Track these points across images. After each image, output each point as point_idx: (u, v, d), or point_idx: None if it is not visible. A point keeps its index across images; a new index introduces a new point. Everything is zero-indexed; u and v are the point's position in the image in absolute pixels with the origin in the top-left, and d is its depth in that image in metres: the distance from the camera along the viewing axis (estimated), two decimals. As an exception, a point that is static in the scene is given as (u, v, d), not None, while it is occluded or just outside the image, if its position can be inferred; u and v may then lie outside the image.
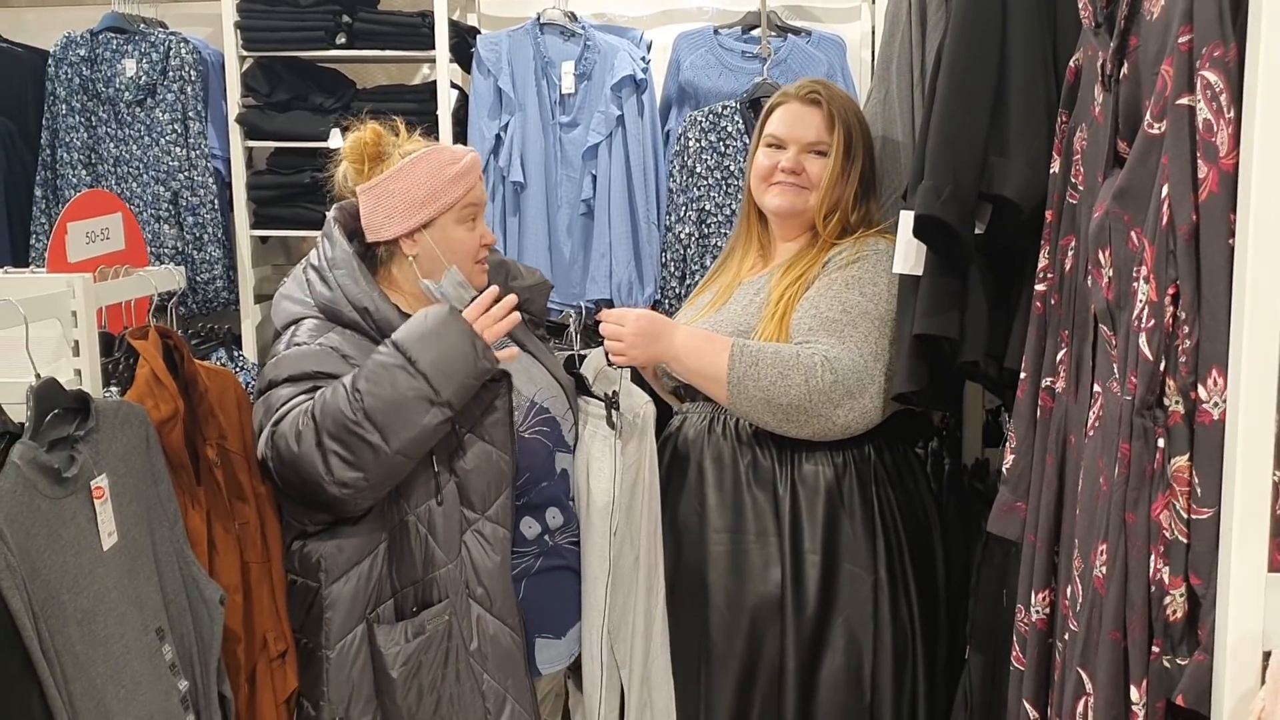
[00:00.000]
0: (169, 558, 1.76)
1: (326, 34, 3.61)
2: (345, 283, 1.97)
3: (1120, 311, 1.39)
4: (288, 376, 1.92)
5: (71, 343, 1.68)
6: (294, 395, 1.90)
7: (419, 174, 2.01)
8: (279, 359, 1.95)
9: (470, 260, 2.06)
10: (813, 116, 2.24)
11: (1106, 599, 1.36)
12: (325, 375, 1.90)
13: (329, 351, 1.93)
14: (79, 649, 1.50)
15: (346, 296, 1.96)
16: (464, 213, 2.04)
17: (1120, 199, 1.37)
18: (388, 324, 1.94)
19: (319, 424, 1.82)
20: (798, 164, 2.23)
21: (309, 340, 1.95)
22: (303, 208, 3.70)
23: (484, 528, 1.96)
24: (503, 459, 1.96)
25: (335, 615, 1.94)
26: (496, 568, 1.97)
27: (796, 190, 2.24)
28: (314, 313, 1.99)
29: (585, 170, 3.53)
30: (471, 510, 1.95)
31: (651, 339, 2.12)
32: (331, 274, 1.99)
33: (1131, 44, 1.42)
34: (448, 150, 2.07)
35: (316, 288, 2.00)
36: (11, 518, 1.39)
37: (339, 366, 1.91)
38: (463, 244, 2.04)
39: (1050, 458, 1.70)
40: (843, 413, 2.05)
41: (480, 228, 2.08)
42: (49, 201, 3.64)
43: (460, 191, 2.02)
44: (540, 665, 2.07)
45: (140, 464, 1.72)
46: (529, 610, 2.04)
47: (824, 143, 2.22)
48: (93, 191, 2.01)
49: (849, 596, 2.14)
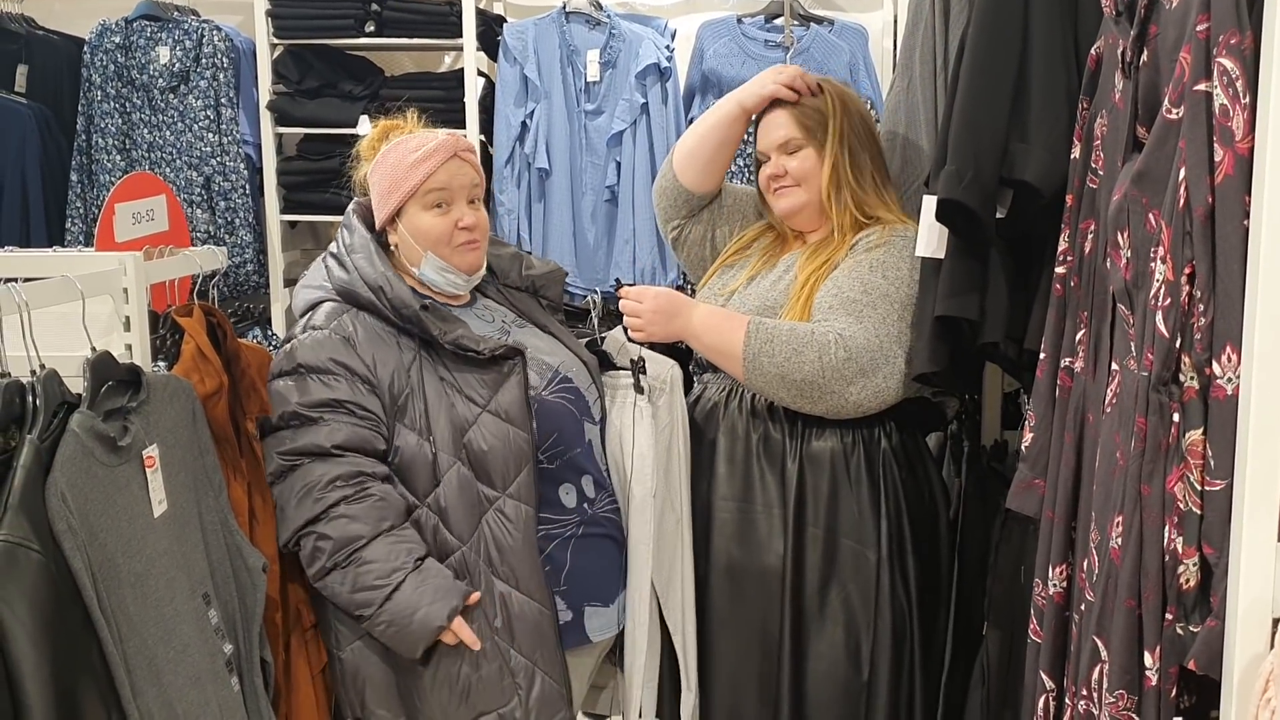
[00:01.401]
0: (214, 526, 1.82)
1: (356, 22, 3.67)
2: (361, 264, 2.02)
3: (1138, 291, 1.44)
4: (300, 363, 1.96)
5: (123, 318, 1.74)
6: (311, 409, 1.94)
7: (386, 165, 2.06)
8: (295, 344, 1.99)
9: (445, 245, 2.05)
10: (778, 118, 2.30)
11: (1122, 568, 1.41)
12: (340, 365, 1.94)
13: (342, 340, 1.97)
14: (132, 610, 1.56)
15: (362, 277, 2.01)
16: (428, 198, 2.03)
17: (1139, 182, 1.42)
18: (402, 303, 1.98)
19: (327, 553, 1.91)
20: (779, 168, 2.30)
21: (324, 324, 1.99)
22: (331, 193, 3.76)
23: (505, 505, 1.98)
24: (520, 436, 1.99)
25: (344, 618, 1.99)
26: (520, 545, 1.99)
27: (788, 189, 2.30)
28: (331, 295, 2.04)
29: (610, 157, 3.58)
30: (491, 489, 1.98)
31: (670, 316, 2.18)
32: (349, 258, 2.04)
33: (1151, 32, 1.46)
34: (415, 138, 2.07)
35: (334, 272, 2.05)
36: (73, 483, 1.45)
37: (350, 357, 1.95)
38: (431, 230, 2.04)
39: (1069, 435, 1.74)
40: (855, 390, 2.10)
41: (456, 212, 2.05)
42: (84, 186, 3.71)
43: (418, 178, 2.02)
44: (590, 633, 2.09)
45: (187, 436, 1.78)
46: (575, 579, 2.06)
47: (794, 139, 2.28)
48: (138, 174, 2.07)
49: (850, 572, 2.18)
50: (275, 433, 1.96)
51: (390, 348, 1.99)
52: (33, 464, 1.41)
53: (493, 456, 1.97)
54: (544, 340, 2.16)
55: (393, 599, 1.90)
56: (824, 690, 2.18)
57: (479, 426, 1.98)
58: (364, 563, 1.90)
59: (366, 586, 1.90)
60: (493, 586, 1.99)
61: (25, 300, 1.52)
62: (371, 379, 1.96)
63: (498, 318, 2.17)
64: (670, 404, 2.18)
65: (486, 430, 1.98)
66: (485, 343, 2.00)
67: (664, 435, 2.15)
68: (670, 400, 2.18)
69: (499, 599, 1.99)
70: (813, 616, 2.18)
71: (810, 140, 2.27)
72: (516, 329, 2.16)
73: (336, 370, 1.95)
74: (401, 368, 1.98)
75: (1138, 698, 1.42)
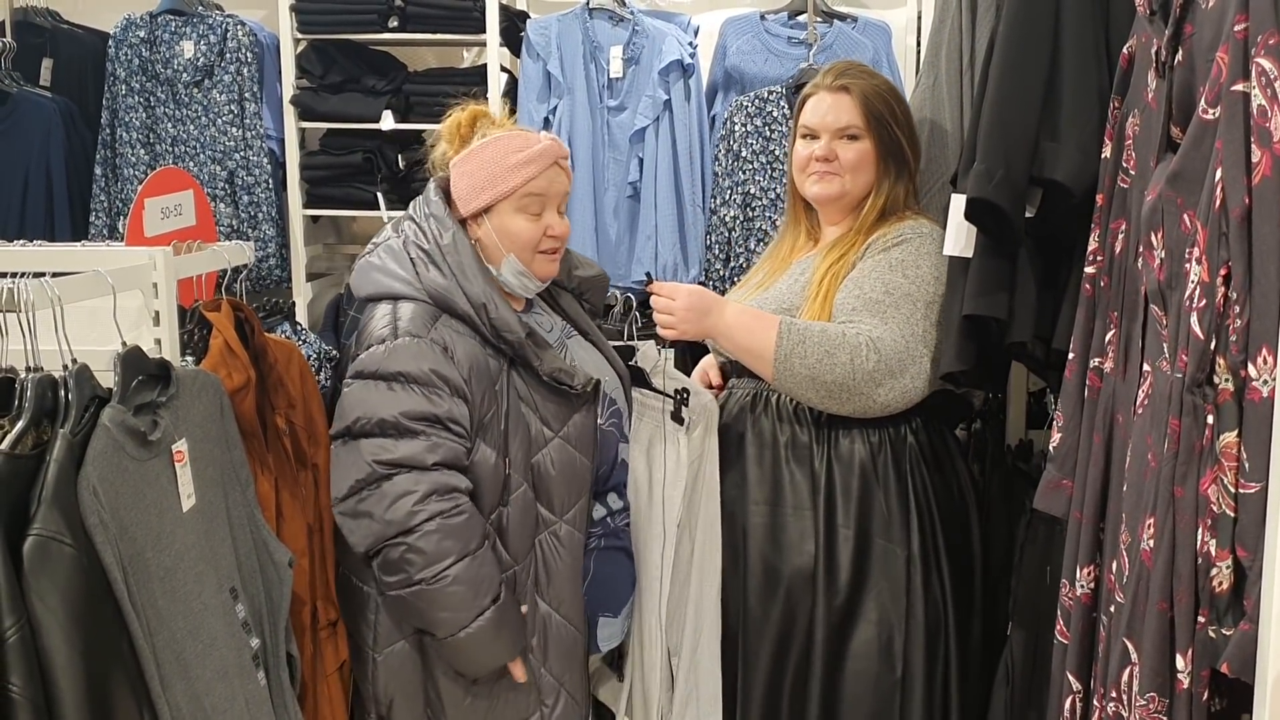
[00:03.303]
0: (241, 521, 1.83)
1: (379, 17, 3.67)
2: (464, 276, 1.95)
3: (1171, 292, 1.43)
4: (400, 371, 1.91)
5: (152, 313, 1.75)
6: (413, 421, 1.90)
7: (485, 158, 2.02)
8: (393, 349, 1.92)
9: (529, 250, 2.02)
10: (841, 102, 2.28)
11: (1154, 571, 1.40)
12: (441, 379, 1.90)
13: (442, 351, 1.92)
14: (161, 604, 1.57)
15: (464, 290, 1.95)
16: (523, 202, 2.00)
17: (1174, 182, 1.41)
18: (505, 325, 1.94)
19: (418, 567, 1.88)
20: (830, 151, 2.28)
21: (418, 330, 1.93)
22: (354, 188, 3.77)
23: (560, 530, 2.00)
24: (585, 465, 2.00)
25: (385, 621, 1.99)
26: (568, 569, 2.01)
27: (831, 177, 2.28)
28: (421, 297, 1.97)
29: (632, 153, 3.58)
30: (550, 512, 1.99)
31: (702, 314, 2.17)
32: (446, 262, 1.97)
33: (1187, 31, 1.45)
34: (520, 136, 2.03)
35: (427, 274, 1.98)
36: (104, 477, 1.46)
37: (449, 370, 1.91)
38: (520, 234, 2.01)
39: (1098, 436, 1.73)
40: (884, 392, 2.10)
41: (548, 219, 2.03)
42: (108, 180, 3.73)
43: (519, 180, 1.99)
44: (601, 643, 2.12)
45: (215, 430, 1.79)
46: (595, 588, 2.08)
47: (854, 127, 2.26)
48: (166, 169, 2.07)
49: (882, 571, 2.18)
50: (370, 438, 1.92)
51: (482, 362, 1.96)
52: (65, 458, 1.41)
53: (557, 482, 1.98)
54: (591, 354, 2.16)
55: (471, 629, 1.89)
56: (858, 688, 2.18)
57: (549, 450, 1.98)
58: (451, 585, 1.87)
59: (450, 608, 1.89)
60: (536, 607, 2.00)
61: (58, 295, 1.53)
62: (466, 394, 1.93)
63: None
64: (704, 436, 2.18)
65: (555, 455, 1.98)
66: (578, 378, 1.99)
67: (693, 466, 2.16)
68: (705, 432, 2.18)
69: (540, 620, 2.01)
70: (846, 616, 2.18)
71: (870, 131, 2.25)
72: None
73: (438, 384, 1.91)
74: (491, 386, 1.96)
75: (1169, 700, 1.42)
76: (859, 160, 2.26)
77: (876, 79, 2.32)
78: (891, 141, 2.26)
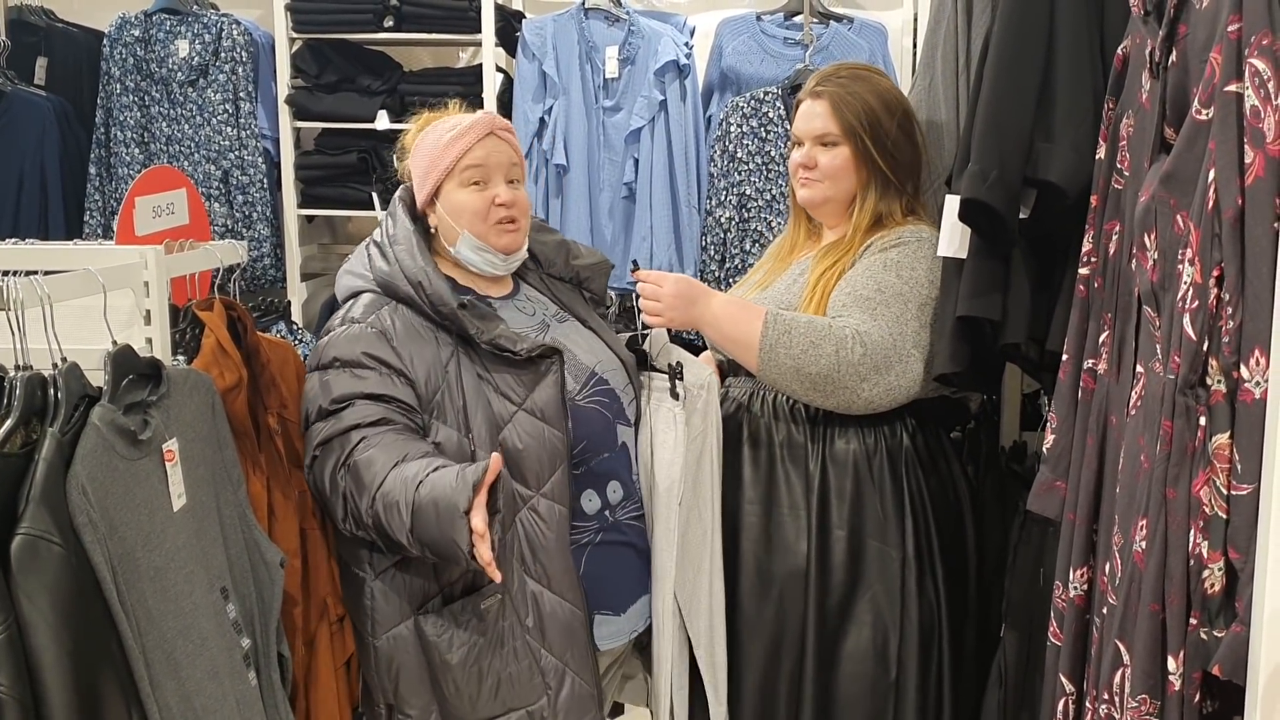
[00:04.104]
0: (232, 521, 1.82)
1: (375, 17, 3.67)
2: (403, 257, 2.01)
3: (1164, 293, 1.43)
4: (335, 357, 1.95)
5: (144, 312, 1.74)
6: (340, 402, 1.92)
7: (423, 145, 2.06)
8: (331, 339, 1.98)
9: (482, 222, 2.03)
10: (818, 109, 2.27)
11: (1146, 572, 1.40)
12: (373, 359, 1.92)
13: (378, 335, 1.95)
14: (151, 604, 1.56)
15: (403, 270, 2.00)
16: (465, 175, 2.02)
17: (1167, 183, 1.41)
18: (440, 299, 1.96)
19: (352, 488, 1.87)
20: (809, 158, 2.27)
21: (361, 317, 1.98)
22: (349, 188, 3.77)
23: (539, 505, 1.97)
24: (555, 435, 1.97)
25: (381, 607, 1.98)
26: (553, 544, 1.98)
27: (813, 183, 2.28)
28: (372, 286, 2.03)
29: (627, 154, 3.58)
30: (525, 487, 1.97)
31: (689, 302, 2.15)
32: (391, 249, 2.03)
33: (1180, 32, 1.45)
34: (453, 117, 2.07)
35: (376, 262, 2.04)
36: (93, 476, 1.45)
37: (384, 351, 1.94)
38: (466, 207, 2.02)
39: (1091, 438, 1.73)
40: (868, 387, 2.09)
41: (493, 189, 2.03)
42: (103, 179, 3.72)
43: (454, 155, 2.01)
44: (599, 641, 2.07)
45: (206, 430, 1.78)
46: (588, 585, 2.04)
47: (830, 134, 2.25)
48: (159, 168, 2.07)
49: (876, 573, 2.17)
50: (308, 429, 1.95)
51: (428, 343, 1.97)
52: (54, 457, 1.41)
53: (527, 455, 1.96)
54: (583, 336, 2.14)
55: (418, 502, 1.79)
56: (852, 690, 2.17)
57: (514, 424, 1.96)
58: (383, 483, 1.82)
59: (392, 504, 1.81)
60: (525, 585, 1.98)
61: (48, 293, 1.52)
62: (407, 373, 1.94)
63: (539, 311, 2.15)
64: (705, 411, 2.14)
65: (522, 429, 1.96)
66: (522, 343, 1.98)
67: (696, 443, 2.12)
68: (705, 408, 2.14)
69: (530, 598, 1.98)
70: (839, 617, 2.17)
71: (847, 138, 2.24)
72: (556, 323, 2.14)
73: (369, 364, 1.93)
74: (439, 364, 1.96)
75: (1160, 702, 1.41)
76: (837, 167, 2.25)
77: (859, 84, 2.27)
78: (873, 146, 2.23)
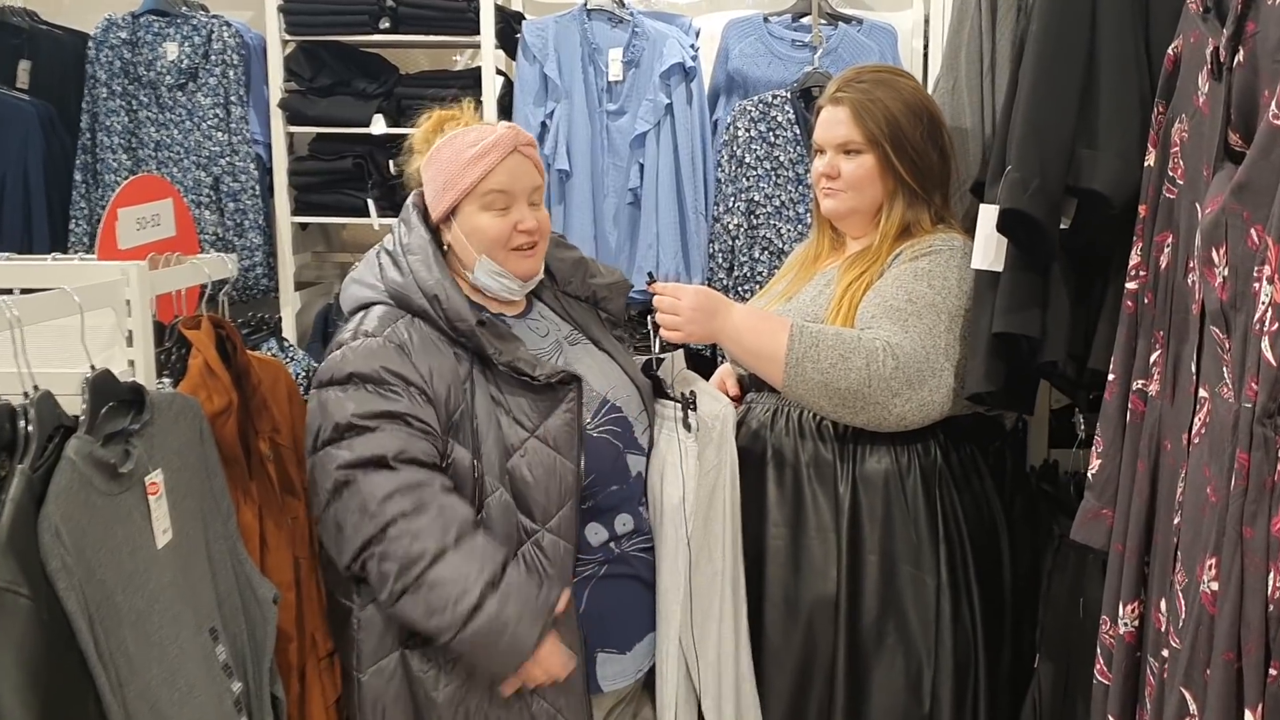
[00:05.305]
0: (222, 555, 1.71)
1: (370, 18, 3.54)
2: (418, 269, 1.88)
3: (1236, 313, 1.31)
4: (353, 373, 1.81)
5: (126, 332, 1.63)
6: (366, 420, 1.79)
7: (442, 159, 1.93)
8: (346, 351, 1.84)
9: (501, 248, 1.92)
10: (839, 116, 2.16)
11: (1219, 617, 1.28)
12: (395, 375, 1.81)
13: (397, 349, 1.83)
14: (133, 651, 1.44)
15: (418, 283, 1.88)
16: (487, 199, 1.90)
17: (1239, 194, 1.29)
18: (457, 314, 1.85)
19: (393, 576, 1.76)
20: (831, 168, 2.17)
21: (375, 330, 1.85)
22: (344, 194, 3.64)
23: (543, 540, 1.86)
24: (567, 468, 1.87)
25: (368, 639, 1.87)
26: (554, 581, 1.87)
27: (836, 193, 2.18)
28: (384, 298, 1.91)
29: (633, 159, 3.46)
30: (531, 520, 1.86)
31: (709, 315, 2.04)
32: (405, 259, 1.91)
33: (1249, 29, 1.34)
34: (474, 130, 1.93)
35: (389, 273, 1.92)
36: (68, 516, 1.34)
37: (405, 367, 1.82)
38: (487, 232, 1.90)
39: (1141, 464, 1.62)
40: (900, 402, 1.97)
41: (516, 214, 1.91)
42: (89, 186, 3.59)
43: (475, 176, 1.89)
44: (602, 682, 1.96)
45: (194, 458, 1.67)
46: (591, 622, 1.94)
47: (852, 142, 2.14)
48: (144, 176, 1.95)
49: (910, 600, 2.06)
50: (327, 447, 1.81)
51: (446, 358, 1.86)
52: (23, 497, 1.29)
53: (536, 487, 1.85)
54: (596, 360, 2.03)
55: (475, 625, 1.74)
56: None
57: (525, 453, 1.85)
58: (435, 584, 1.74)
59: (439, 610, 1.74)
60: None
61: (18, 315, 1.40)
62: (428, 390, 1.83)
63: (552, 331, 2.04)
64: (719, 445, 2.01)
65: (532, 458, 1.85)
66: (542, 367, 1.88)
67: (709, 478, 2.00)
68: (720, 440, 2.01)
69: None
70: (871, 647, 2.06)
71: (871, 146, 2.13)
72: (569, 345, 2.03)
73: (392, 380, 1.81)
74: (458, 380, 1.85)
75: (1234, 758, 1.30)
76: (861, 176, 2.15)
77: (882, 89, 2.15)
78: (897, 154, 2.12)
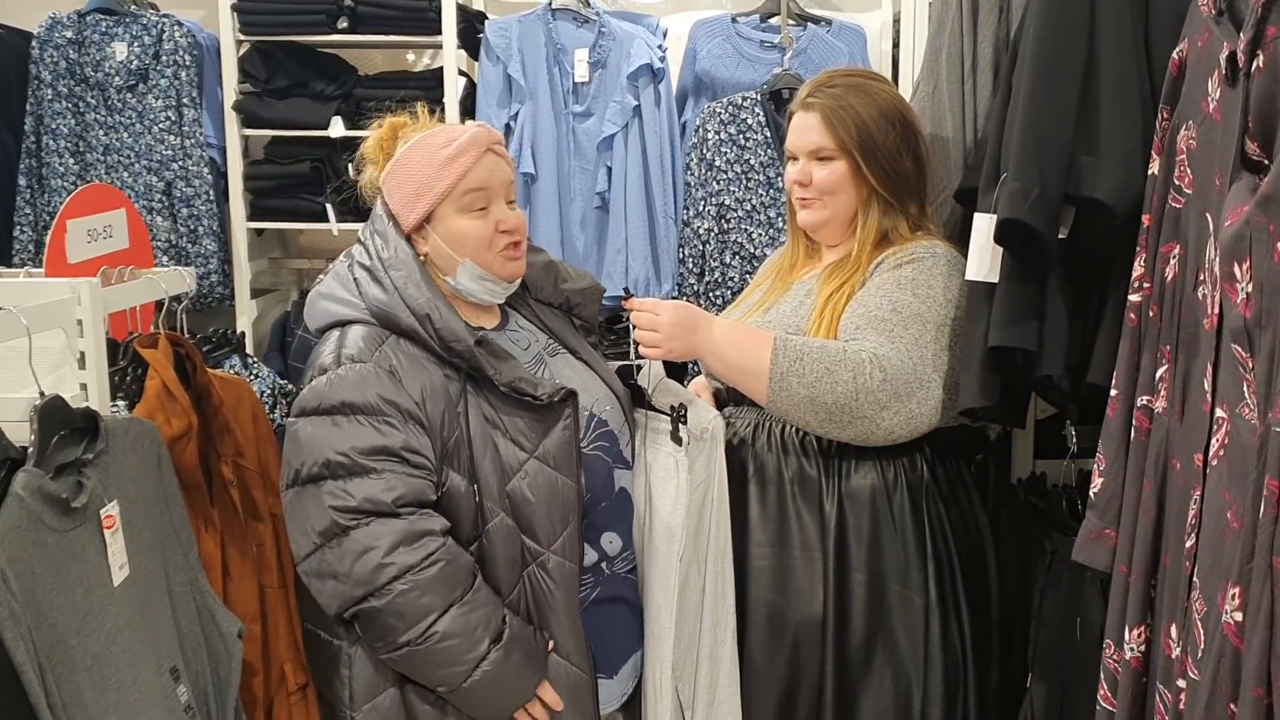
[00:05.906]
0: (183, 589, 1.61)
1: (328, 18, 3.44)
2: (406, 287, 1.78)
3: (1261, 331, 1.26)
4: (345, 401, 1.71)
5: (77, 354, 1.52)
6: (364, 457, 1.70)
7: (411, 164, 1.84)
8: (333, 377, 1.73)
9: (486, 250, 1.84)
10: (810, 122, 2.10)
11: (1248, 652, 1.22)
12: (390, 405, 1.72)
13: (388, 375, 1.74)
14: (88, 698, 1.34)
15: (406, 301, 1.77)
16: (465, 200, 1.82)
17: (1264, 206, 1.23)
18: (452, 335, 1.76)
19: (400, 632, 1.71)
20: (804, 174, 2.11)
21: (362, 355, 1.75)
22: (301, 199, 3.54)
23: (548, 562, 1.79)
24: (569, 487, 1.80)
25: (361, 675, 1.78)
26: (561, 604, 1.81)
27: (811, 202, 2.12)
28: (364, 317, 1.80)
29: (600, 162, 3.38)
30: (535, 543, 1.79)
31: (688, 330, 1.96)
32: (388, 275, 1.80)
33: (1269, 34, 1.28)
34: (443, 132, 1.85)
35: (369, 290, 1.81)
36: (15, 557, 1.23)
37: (398, 395, 1.73)
38: (469, 235, 1.82)
39: (1148, 483, 1.56)
40: (888, 415, 1.91)
41: (496, 213, 1.84)
42: (34, 192, 3.45)
43: (453, 176, 1.81)
44: None
45: (152, 487, 1.57)
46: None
47: (824, 148, 2.08)
48: (94, 186, 1.84)
49: (898, 620, 2.00)
50: (315, 484, 1.71)
51: (436, 379, 1.77)
52: (-32, 539, 1.19)
53: (538, 509, 1.78)
54: (577, 371, 1.96)
55: (476, 677, 1.73)
56: None
57: (525, 474, 1.78)
58: (441, 640, 1.71)
59: (446, 664, 1.72)
60: None
61: (-41, 339, 1.30)
62: (421, 418, 1.74)
63: (531, 344, 1.96)
64: (708, 458, 1.94)
65: (533, 479, 1.78)
66: (543, 386, 1.80)
67: (698, 492, 1.93)
68: (709, 454, 1.95)
69: None
70: (859, 669, 1.99)
71: (843, 152, 2.06)
72: (549, 358, 1.95)
73: (387, 411, 1.72)
74: (450, 403, 1.77)
75: (1261, 797, 1.24)
76: (834, 182, 2.08)
77: (854, 94, 2.08)
78: (868, 162, 2.05)
